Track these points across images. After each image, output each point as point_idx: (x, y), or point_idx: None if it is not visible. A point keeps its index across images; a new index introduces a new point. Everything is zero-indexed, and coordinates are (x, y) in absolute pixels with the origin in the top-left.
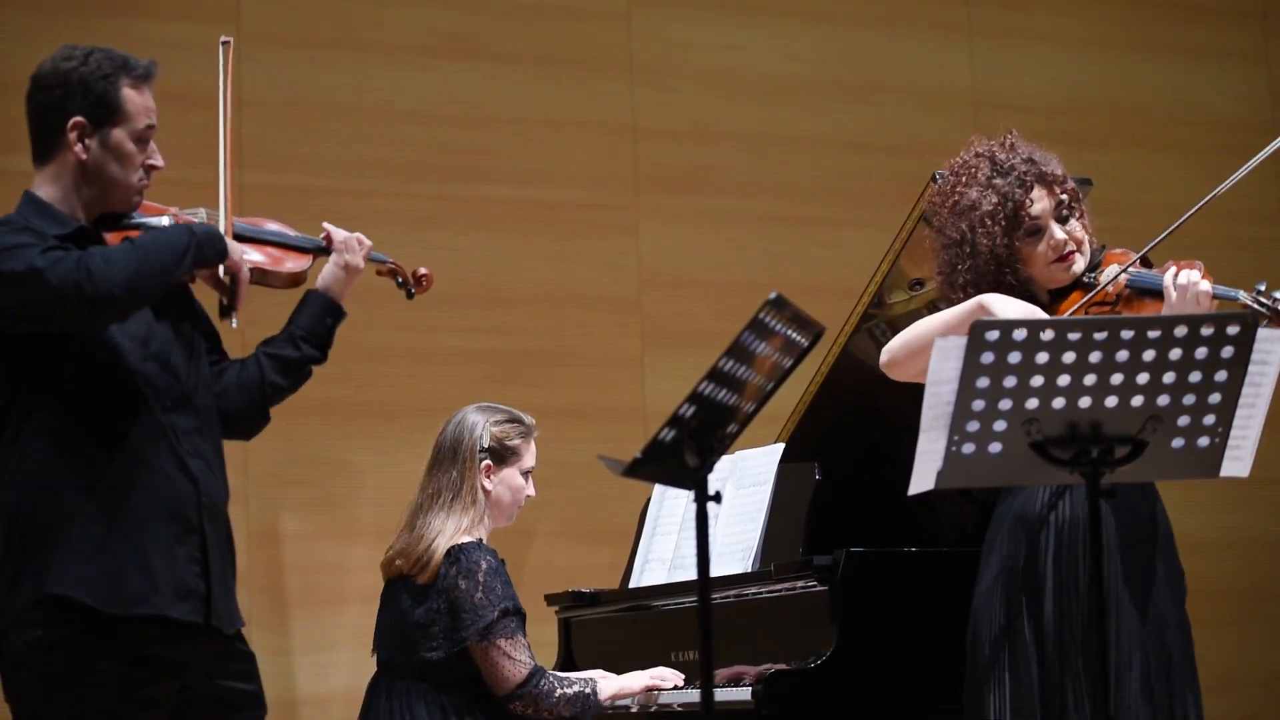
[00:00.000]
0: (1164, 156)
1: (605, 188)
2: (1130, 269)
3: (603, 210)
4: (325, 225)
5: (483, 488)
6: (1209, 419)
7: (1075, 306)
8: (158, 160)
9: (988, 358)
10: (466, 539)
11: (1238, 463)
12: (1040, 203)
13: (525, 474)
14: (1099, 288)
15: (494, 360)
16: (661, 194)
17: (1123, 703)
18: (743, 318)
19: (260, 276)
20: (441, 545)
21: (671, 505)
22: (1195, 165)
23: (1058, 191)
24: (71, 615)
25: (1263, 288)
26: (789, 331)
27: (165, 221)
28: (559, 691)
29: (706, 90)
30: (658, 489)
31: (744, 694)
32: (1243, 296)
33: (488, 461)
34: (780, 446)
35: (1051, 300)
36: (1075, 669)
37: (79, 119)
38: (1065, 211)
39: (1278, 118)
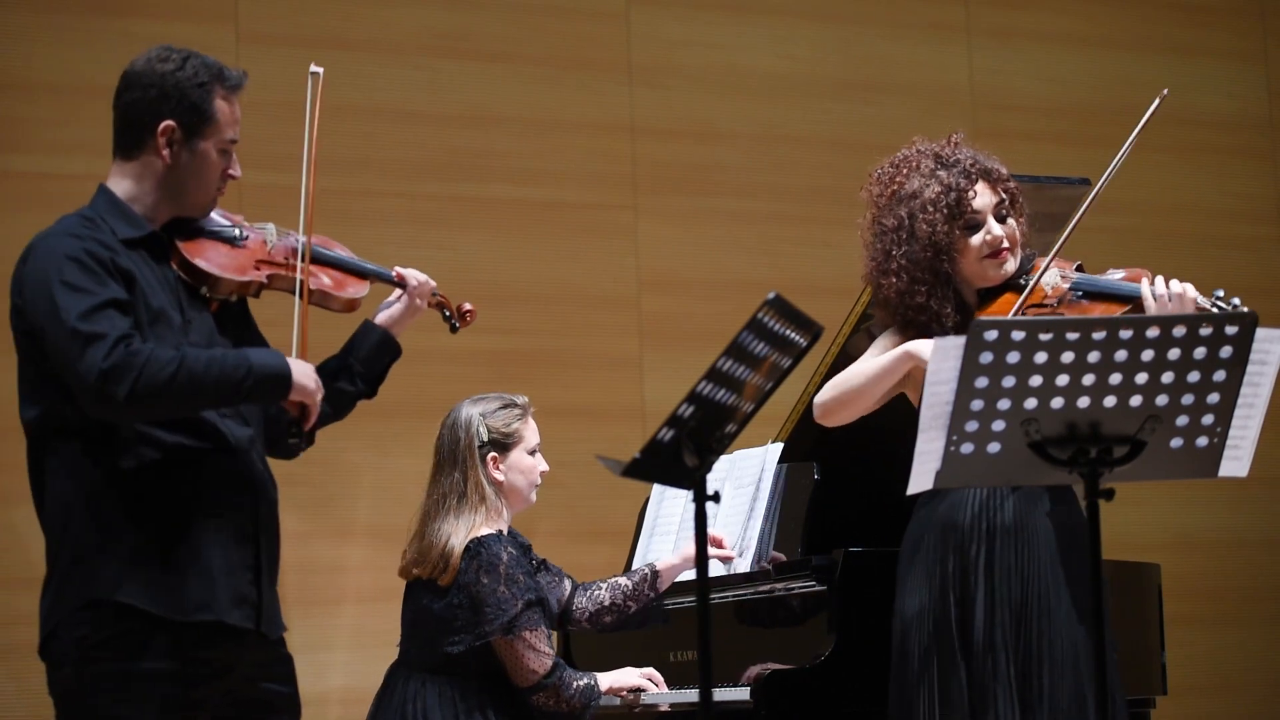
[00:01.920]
0: (1161, 156)
1: (604, 187)
2: (1073, 273)
3: (601, 210)
4: (397, 268)
5: (493, 480)
6: (1207, 419)
7: (1015, 307)
8: (236, 171)
9: (986, 357)
10: (486, 531)
11: (1236, 462)
12: (983, 197)
13: (532, 452)
14: (1032, 286)
15: (492, 360)
16: (660, 194)
17: (1056, 706)
18: (741, 317)
19: (320, 299)
20: (457, 545)
21: (670, 505)
22: (1193, 164)
23: (999, 190)
24: (125, 618)
25: (1221, 294)
26: (787, 331)
27: (235, 231)
28: (575, 683)
29: (705, 90)
30: (656, 489)
31: (743, 694)
32: (1201, 300)
33: (492, 454)
34: (779, 446)
35: (981, 300)
36: (1006, 676)
37: (171, 124)
38: (1005, 211)
39: (1275, 116)
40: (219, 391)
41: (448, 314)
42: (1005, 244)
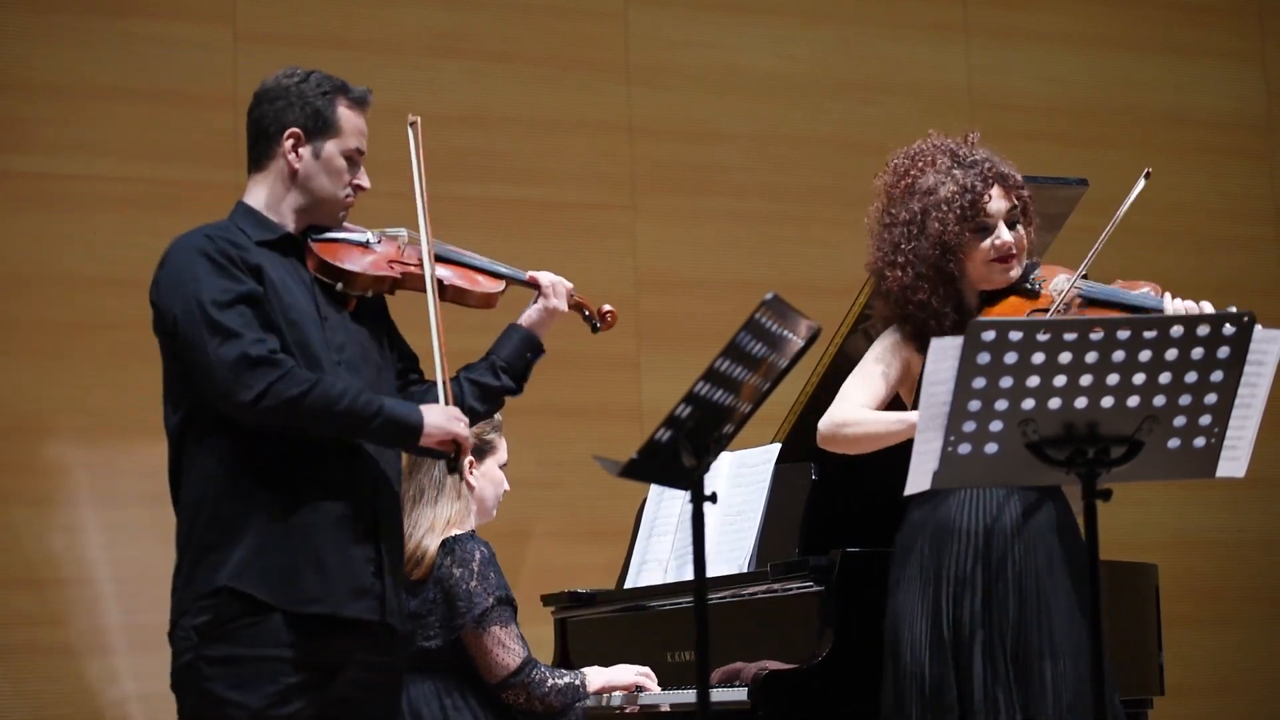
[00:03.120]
0: (1160, 156)
1: (602, 187)
2: (1081, 282)
3: (599, 210)
4: (531, 271)
5: (468, 483)
6: (1205, 419)
7: (1028, 314)
8: (365, 181)
9: (984, 358)
10: (458, 531)
11: (1234, 463)
12: (997, 201)
13: (502, 466)
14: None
15: None
16: (658, 194)
17: (1059, 704)
18: (739, 318)
19: (456, 295)
20: (432, 541)
21: (668, 505)
22: (1191, 164)
23: (1013, 196)
24: (245, 605)
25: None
26: (785, 331)
27: (368, 237)
28: (550, 682)
29: (703, 90)
30: (654, 489)
31: (740, 694)
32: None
33: (470, 458)
34: (777, 446)
35: (983, 303)
36: (1006, 678)
37: (295, 129)
38: (1016, 217)
39: (1273, 116)
40: (346, 424)
41: (587, 314)
42: (1013, 250)
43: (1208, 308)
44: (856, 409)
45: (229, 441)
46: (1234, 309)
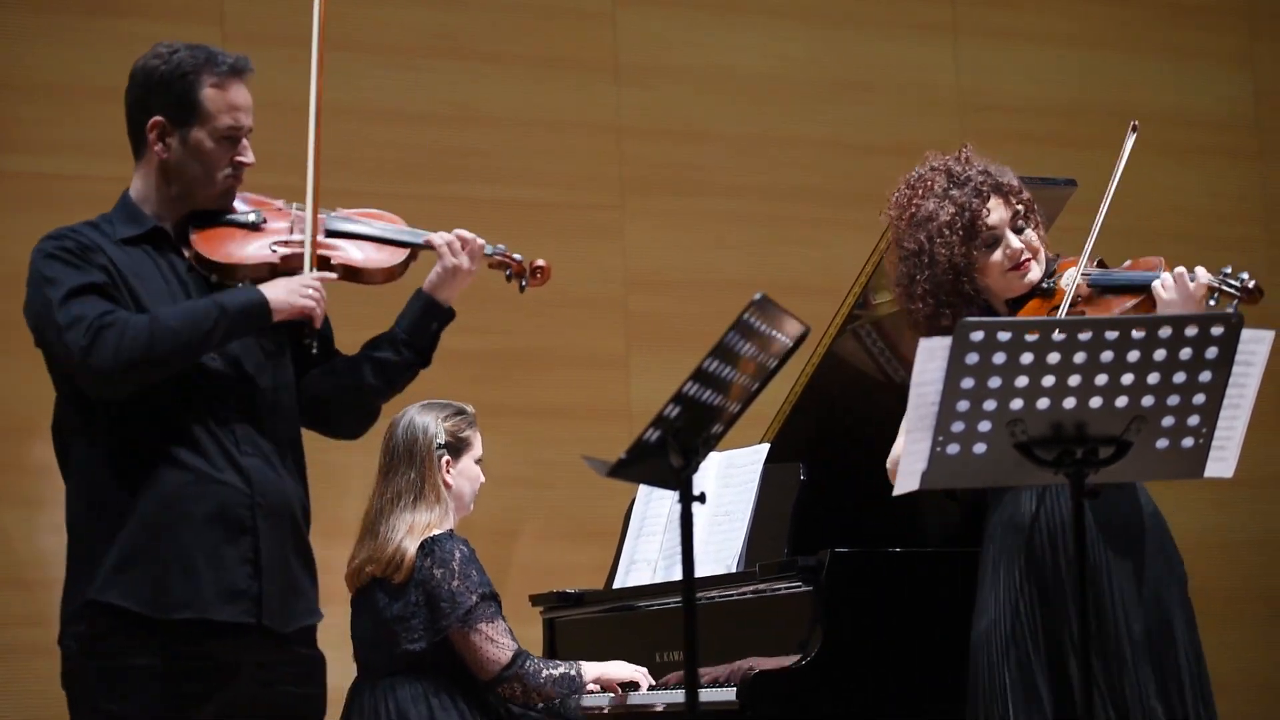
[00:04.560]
0: (1150, 157)
1: (591, 188)
2: (1089, 270)
3: (588, 210)
4: (429, 234)
5: (444, 484)
6: (1193, 419)
7: (1046, 314)
8: (247, 157)
9: (972, 358)
10: (437, 531)
11: (1222, 463)
12: (996, 212)
13: (478, 461)
14: (1066, 296)
15: (479, 360)
16: (647, 194)
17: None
18: (728, 318)
19: (351, 274)
20: (411, 544)
21: (657, 506)
22: (1181, 166)
23: (1013, 202)
24: (114, 617)
25: (1229, 270)
26: (774, 332)
27: (256, 216)
28: (545, 672)
29: (691, 90)
30: (643, 489)
31: (728, 694)
32: (1211, 280)
33: (446, 457)
34: (765, 447)
35: (1010, 309)
36: (1098, 675)
37: (158, 119)
38: (1021, 221)
39: (1262, 117)
40: (197, 335)
41: (511, 273)
42: (1025, 255)
43: (1202, 276)
44: (898, 444)
45: (96, 449)
46: (1248, 281)
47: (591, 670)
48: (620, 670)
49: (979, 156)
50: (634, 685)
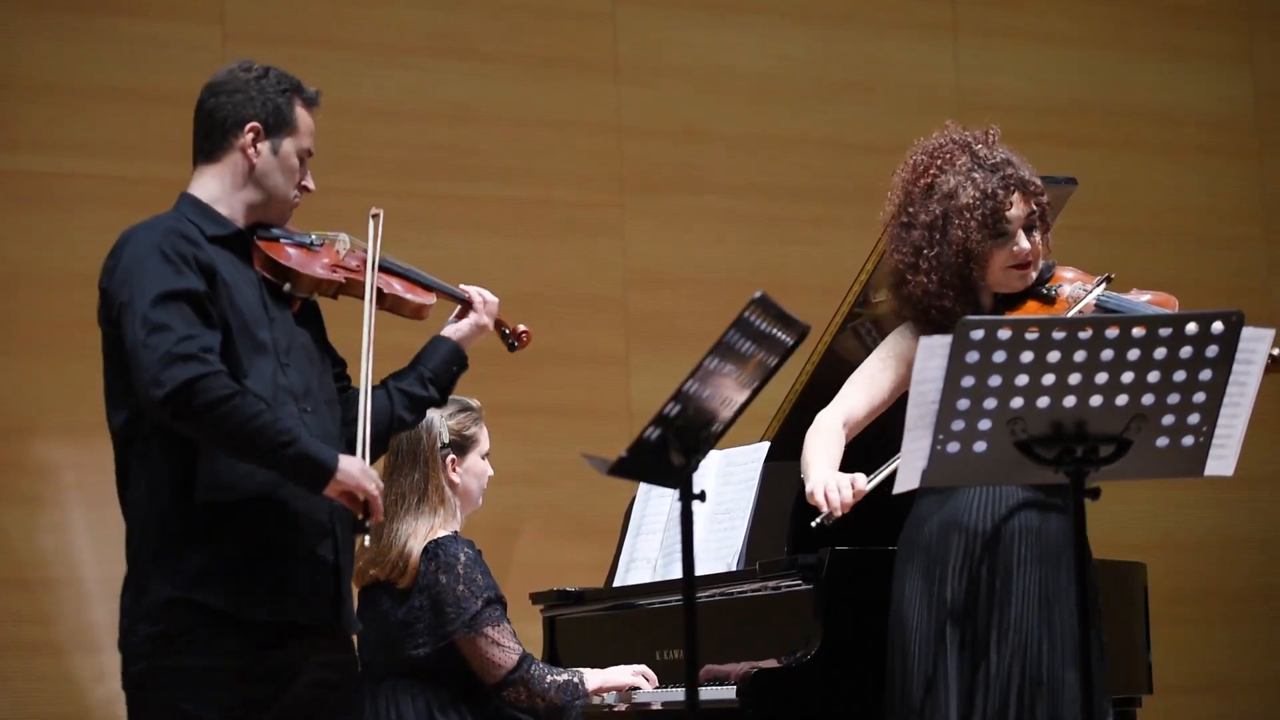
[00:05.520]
0: (1149, 156)
1: (590, 187)
2: (1103, 292)
3: (588, 209)
4: (463, 285)
5: (450, 483)
6: (1193, 418)
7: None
8: (310, 182)
9: (972, 357)
10: (442, 533)
11: (1222, 462)
12: (1017, 208)
13: (485, 456)
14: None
15: (478, 359)
16: (646, 193)
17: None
18: (728, 316)
19: (395, 304)
20: (416, 547)
21: (656, 504)
22: (1180, 165)
23: (1032, 202)
24: (199, 615)
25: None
26: (774, 330)
27: (311, 239)
28: (550, 678)
29: (691, 89)
30: (643, 487)
31: (728, 693)
32: None
33: (451, 456)
34: (765, 445)
35: (998, 306)
36: (1005, 672)
37: (256, 124)
38: (1034, 223)
39: (1261, 117)
40: (257, 444)
41: (507, 333)
42: (1030, 258)
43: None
44: (829, 417)
45: (179, 441)
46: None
47: (594, 680)
48: (621, 677)
49: (1004, 146)
50: (637, 686)
